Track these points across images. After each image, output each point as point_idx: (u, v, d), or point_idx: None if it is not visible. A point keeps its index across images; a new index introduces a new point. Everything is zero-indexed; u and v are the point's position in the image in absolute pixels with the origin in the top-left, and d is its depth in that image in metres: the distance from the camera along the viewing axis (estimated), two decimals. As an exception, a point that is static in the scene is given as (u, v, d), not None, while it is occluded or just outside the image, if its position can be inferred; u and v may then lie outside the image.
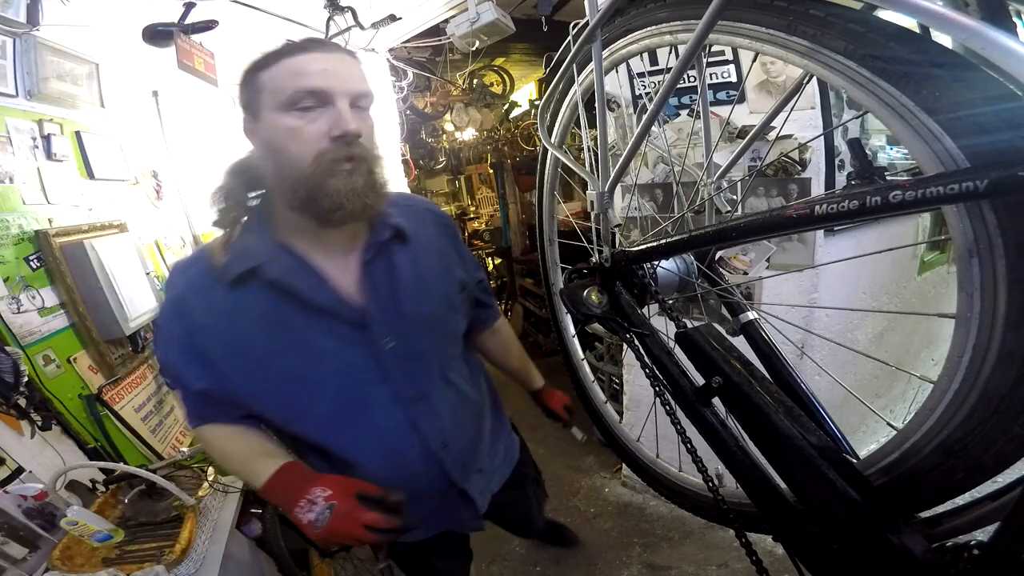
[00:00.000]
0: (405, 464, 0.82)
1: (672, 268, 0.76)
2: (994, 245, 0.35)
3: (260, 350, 0.74)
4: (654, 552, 1.85)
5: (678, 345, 0.58)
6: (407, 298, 0.80)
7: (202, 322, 0.73)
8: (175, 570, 1.10)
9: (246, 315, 0.72)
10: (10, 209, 1.39)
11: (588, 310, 0.64)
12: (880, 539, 0.40)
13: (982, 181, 0.28)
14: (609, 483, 2.22)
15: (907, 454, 0.45)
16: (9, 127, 1.44)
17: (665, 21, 0.59)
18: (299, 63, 0.67)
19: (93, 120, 1.84)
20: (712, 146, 0.73)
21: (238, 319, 0.73)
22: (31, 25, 1.49)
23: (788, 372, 0.64)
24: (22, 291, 1.36)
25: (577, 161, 0.77)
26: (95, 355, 1.56)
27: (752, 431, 0.51)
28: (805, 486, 0.47)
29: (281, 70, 0.67)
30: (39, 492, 1.14)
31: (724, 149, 1.41)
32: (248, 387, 0.76)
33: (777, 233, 0.45)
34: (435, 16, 2.19)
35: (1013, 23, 0.35)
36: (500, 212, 4.71)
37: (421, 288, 0.82)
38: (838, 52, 0.41)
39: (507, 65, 3.86)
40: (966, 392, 0.40)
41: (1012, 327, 0.36)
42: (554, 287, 1.02)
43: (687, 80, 1.47)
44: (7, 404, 1.18)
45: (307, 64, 0.67)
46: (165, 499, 1.28)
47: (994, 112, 0.33)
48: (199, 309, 0.73)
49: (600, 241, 0.70)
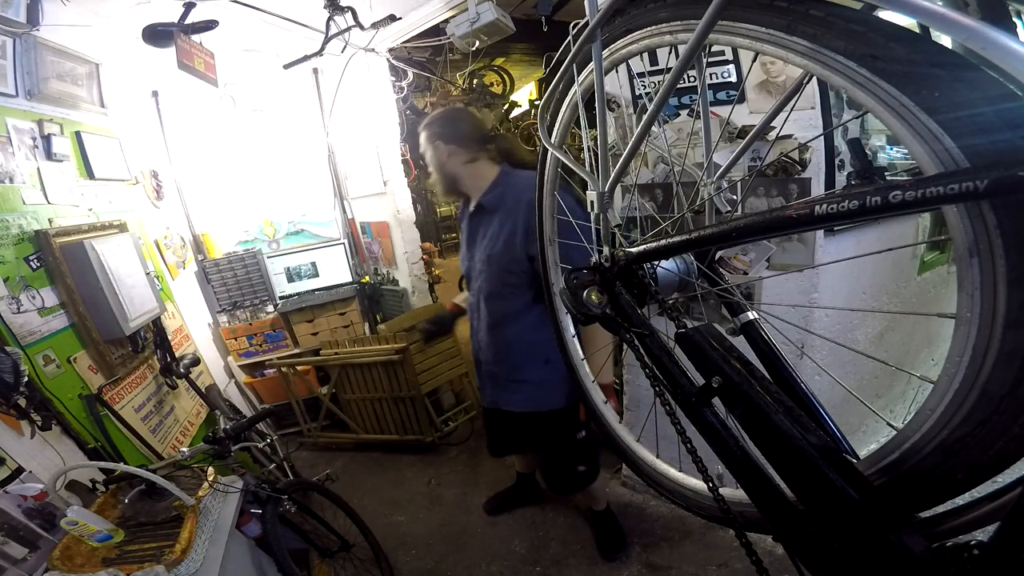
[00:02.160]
0: (472, 332, 1.71)
1: (672, 268, 0.76)
2: (994, 245, 0.35)
3: (467, 233, 1.62)
4: (654, 552, 1.85)
5: (678, 345, 0.58)
6: (481, 242, 1.54)
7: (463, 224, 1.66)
8: (175, 570, 1.10)
9: (468, 222, 1.62)
10: (10, 209, 1.40)
11: (588, 310, 0.64)
12: (880, 539, 0.40)
13: (982, 181, 0.28)
14: (609, 483, 2.22)
15: (907, 454, 0.45)
16: (9, 127, 1.44)
17: (665, 21, 0.59)
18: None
19: (93, 120, 1.85)
20: (712, 146, 0.73)
21: (466, 223, 1.63)
22: (31, 25, 1.49)
23: (788, 372, 0.64)
24: (22, 291, 1.36)
25: (577, 161, 0.77)
26: (95, 355, 1.56)
27: (752, 431, 0.50)
28: (805, 486, 0.47)
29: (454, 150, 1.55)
30: (39, 492, 1.14)
31: (724, 149, 1.41)
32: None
33: (777, 233, 0.45)
34: (435, 16, 2.19)
35: (1013, 23, 0.35)
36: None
37: (491, 239, 1.50)
38: (838, 52, 0.41)
39: (507, 65, 3.86)
40: (966, 392, 0.39)
41: (1012, 327, 0.36)
42: (554, 287, 1.01)
43: (687, 80, 1.47)
44: (7, 404, 1.18)
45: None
46: (165, 499, 1.28)
47: (994, 112, 0.33)
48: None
49: (600, 241, 0.70)
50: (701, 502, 0.74)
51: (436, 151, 1.52)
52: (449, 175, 1.54)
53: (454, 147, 1.50)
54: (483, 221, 1.53)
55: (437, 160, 1.53)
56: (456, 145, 1.50)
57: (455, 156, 1.50)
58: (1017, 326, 0.36)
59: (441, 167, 1.53)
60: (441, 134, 1.50)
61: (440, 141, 1.50)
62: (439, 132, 1.51)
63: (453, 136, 1.50)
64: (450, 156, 1.51)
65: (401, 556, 1.99)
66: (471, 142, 1.50)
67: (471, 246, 1.59)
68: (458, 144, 1.50)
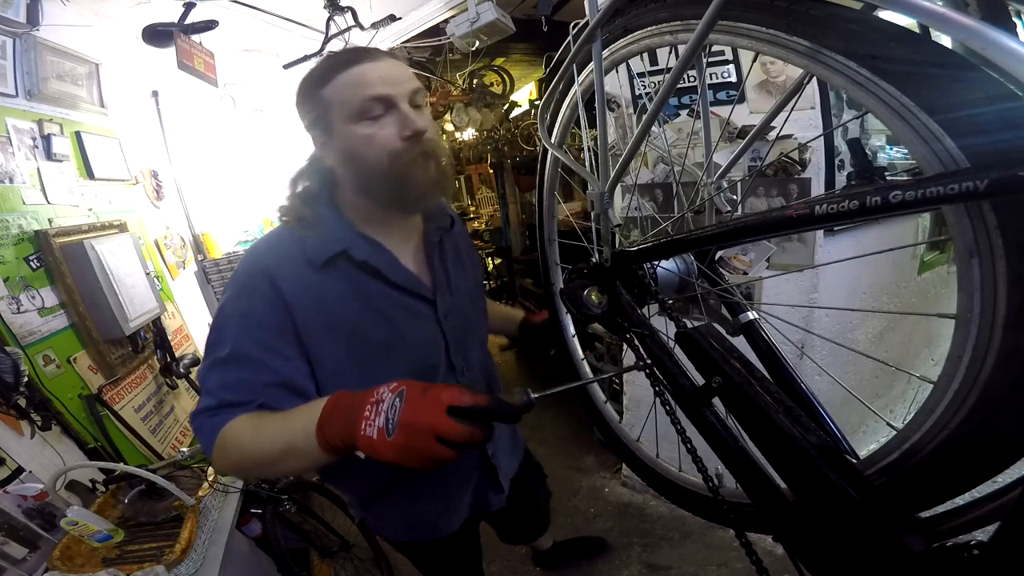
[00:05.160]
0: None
1: (672, 268, 0.76)
2: (994, 245, 0.35)
3: (352, 325, 0.78)
4: (654, 552, 1.85)
5: (678, 345, 0.58)
6: (456, 275, 0.92)
7: (298, 301, 0.75)
8: (175, 570, 1.10)
9: (336, 293, 0.77)
10: (10, 209, 1.40)
11: (588, 310, 0.64)
12: (880, 539, 0.40)
13: (982, 181, 0.28)
14: (609, 483, 2.22)
15: (907, 454, 0.45)
16: (9, 127, 1.44)
17: (665, 21, 0.59)
18: (357, 75, 0.73)
19: (93, 120, 1.85)
20: (712, 146, 0.73)
21: (329, 297, 0.77)
22: (31, 25, 1.49)
23: (788, 372, 0.64)
24: (22, 291, 1.36)
25: (577, 161, 0.77)
26: (95, 355, 1.56)
27: (752, 431, 0.50)
28: (805, 486, 0.47)
29: (342, 84, 0.74)
30: (39, 492, 1.14)
31: (724, 149, 1.41)
32: (337, 363, 0.78)
33: (777, 233, 0.45)
34: (435, 16, 2.18)
35: (1013, 23, 0.35)
36: (500, 212, 4.71)
37: (462, 268, 0.95)
38: (838, 52, 0.41)
39: (507, 65, 3.86)
40: (966, 392, 0.40)
41: (1012, 328, 0.36)
42: (554, 287, 1.01)
43: (687, 80, 1.47)
44: (7, 404, 1.18)
45: (365, 74, 0.73)
46: (165, 499, 1.28)
47: (994, 112, 0.33)
48: (291, 288, 0.75)
49: (600, 241, 0.70)
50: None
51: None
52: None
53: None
54: (442, 247, 0.93)
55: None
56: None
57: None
58: (1017, 327, 0.36)
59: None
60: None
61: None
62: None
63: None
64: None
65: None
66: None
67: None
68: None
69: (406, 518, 0.96)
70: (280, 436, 0.66)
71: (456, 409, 0.54)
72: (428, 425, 0.53)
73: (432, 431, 0.53)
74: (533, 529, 1.57)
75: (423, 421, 0.53)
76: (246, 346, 0.73)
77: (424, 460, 0.54)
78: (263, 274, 0.75)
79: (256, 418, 0.69)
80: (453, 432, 0.53)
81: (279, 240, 0.81)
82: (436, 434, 0.53)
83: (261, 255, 0.79)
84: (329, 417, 0.61)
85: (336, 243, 0.78)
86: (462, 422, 0.53)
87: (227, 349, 0.73)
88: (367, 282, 0.80)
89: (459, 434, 0.53)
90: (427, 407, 0.54)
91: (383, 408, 0.56)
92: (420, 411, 0.54)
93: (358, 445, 0.57)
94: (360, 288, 0.79)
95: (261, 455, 0.67)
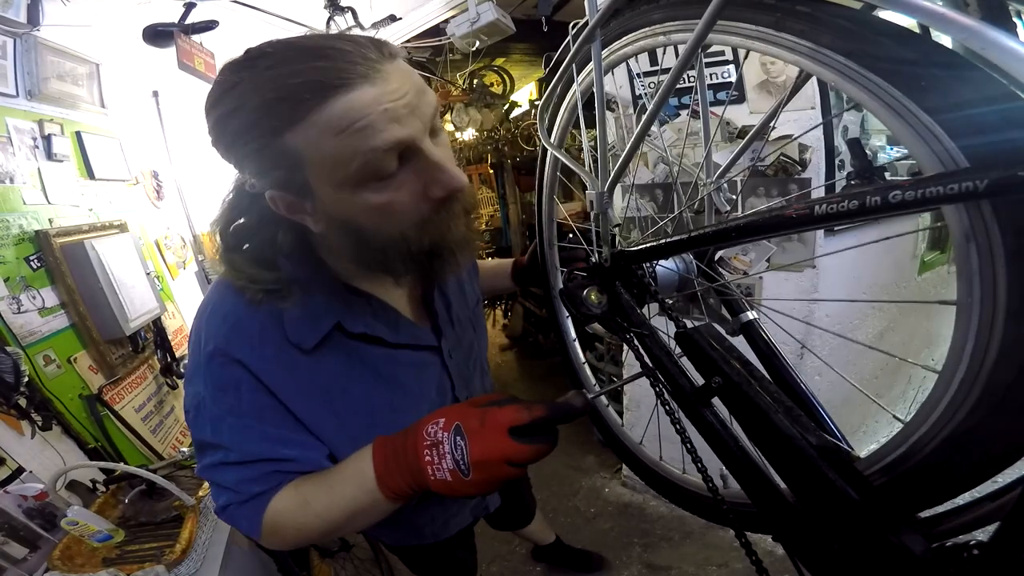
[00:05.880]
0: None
1: (672, 268, 0.76)
2: (991, 233, 0.35)
3: (353, 399, 0.68)
4: (654, 552, 1.85)
5: (678, 345, 0.58)
6: (457, 302, 0.82)
7: (288, 387, 0.64)
8: (175, 570, 1.10)
9: (331, 372, 0.67)
10: (10, 209, 1.40)
11: (588, 310, 0.64)
12: (880, 539, 0.40)
13: (982, 181, 0.28)
14: (609, 483, 2.22)
15: (911, 451, 0.45)
16: (9, 127, 1.44)
17: (663, 21, 0.59)
18: (349, 111, 0.46)
19: (93, 120, 1.85)
20: (711, 146, 0.73)
21: (323, 376, 0.66)
22: (31, 25, 1.49)
23: (788, 372, 0.64)
24: (22, 291, 1.36)
25: (577, 161, 0.77)
26: (95, 355, 1.56)
27: (751, 431, 0.50)
28: (805, 486, 0.47)
29: (323, 130, 0.47)
30: (39, 492, 1.14)
31: (724, 149, 1.41)
32: (344, 437, 0.68)
33: (777, 233, 0.45)
34: (435, 16, 2.18)
35: (1013, 23, 0.35)
36: (500, 212, 4.71)
37: (460, 287, 0.86)
38: (839, 52, 0.41)
39: (507, 65, 3.85)
40: (971, 381, 0.39)
41: (1013, 316, 0.35)
42: (553, 290, 1.01)
43: (687, 80, 1.47)
44: (7, 404, 1.18)
45: (365, 108, 0.46)
46: (165, 499, 1.29)
47: (994, 112, 0.33)
48: (278, 375, 0.64)
49: (600, 241, 0.70)
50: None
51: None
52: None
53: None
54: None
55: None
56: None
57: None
58: (1018, 315, 0.35)
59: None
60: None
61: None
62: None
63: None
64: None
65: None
66: None
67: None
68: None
69: (408, 526, 0.93)
70: (338, 503, 0.61)
71: (517, 428, 0.53)
72: (500, 457, 0.52)
73: (504, 460, 0.53)
74: (519, 516, 1.55)
75: (495, 456, 0.52)
76: (254, 447, 0.64)
77: (498, 485, 0.55)
78: (238, 364, 0.62)
79: (297, 492, 0.63)
80: (523, 456, 0.53)
81: (238, 317, 0.63)
82: (508, 461, 0.53)
83: (226, 338, 0.63)
84: (387, 471, 0.58)
85: (326, 317, 0.64)
86: (528, 441, 0.53)
87: (234, 453, 0.63)
88: (365, 350, 0.68)
89: (529, 455, 0.53)
90: (493, 439, 0.52)
91: (445, 450, 0.54)
92: (488, 446, 0.52)
93: (432, 489, 0.56)
94: (358, 358, 0.68)
95: (326, 526, 0.62)
